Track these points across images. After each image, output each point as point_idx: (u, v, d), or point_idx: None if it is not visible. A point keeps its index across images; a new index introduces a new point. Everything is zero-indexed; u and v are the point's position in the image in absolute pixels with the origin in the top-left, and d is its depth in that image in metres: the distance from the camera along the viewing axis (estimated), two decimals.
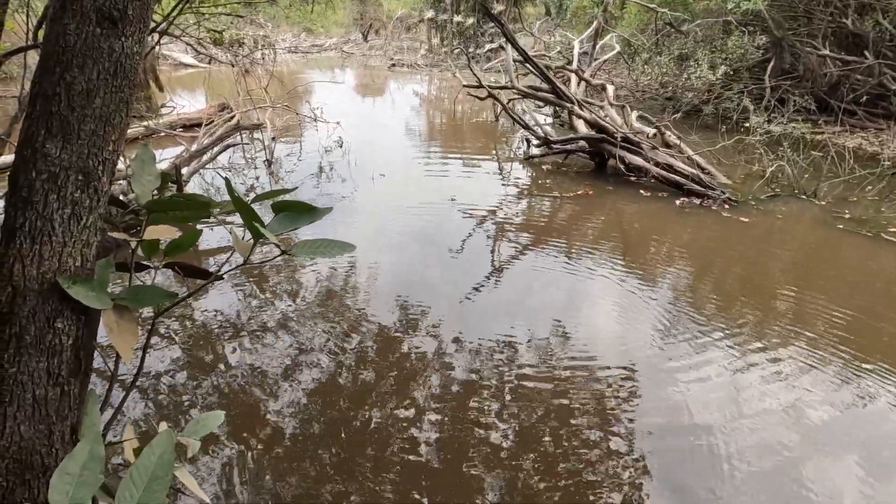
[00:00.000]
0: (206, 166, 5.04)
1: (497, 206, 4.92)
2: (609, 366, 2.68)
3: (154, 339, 2.75)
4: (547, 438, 2.20)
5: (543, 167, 6.16)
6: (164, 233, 1.18)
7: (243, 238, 1.28)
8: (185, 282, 3.16)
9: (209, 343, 2.77)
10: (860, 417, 2.38)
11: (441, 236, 4.21)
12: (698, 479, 2.04)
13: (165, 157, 5.40)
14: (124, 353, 0.98)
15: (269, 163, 5.86)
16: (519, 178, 5.89)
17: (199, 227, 1.28)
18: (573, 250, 4.05)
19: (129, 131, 6.55)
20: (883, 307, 3.34)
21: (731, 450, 2.17)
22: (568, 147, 6.12)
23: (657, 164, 5.30)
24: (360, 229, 4.30)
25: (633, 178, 5.56)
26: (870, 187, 5.30)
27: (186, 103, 8.51)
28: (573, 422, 2.30)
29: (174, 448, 0.91)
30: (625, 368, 2.66)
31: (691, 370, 2.66)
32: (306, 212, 1.17)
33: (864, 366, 2.72)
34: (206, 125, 5.26)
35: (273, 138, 6.07)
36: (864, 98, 7.67)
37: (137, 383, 2.39)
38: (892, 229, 4.42)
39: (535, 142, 6.44)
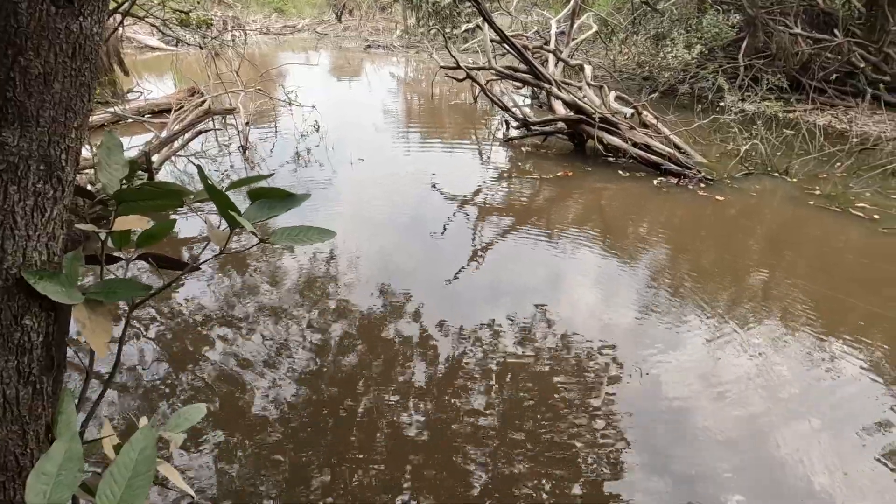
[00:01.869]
0: (178, 153, 4.89)
1: (477, 189, 4.90)
2: (590, 343, 2.72)
3: (130, 333, 2.69)
4: (531, 414, 2.24)
5: (523, 149, 6.16)
6: (135, 223, 1.14)
7: (219, 227, 1.25)
8: (161, 274, 3.09)
9: (188, 335, 2.72)
10: (826, 386, 2.48)
11: (422, 220, 4.19)
12: (674, 446, 2.10)
13: (134, 144, 5.22)
14: (98, 349, 0.94)
15: (243, 149, 5.71)
16: (498, 161, 5.87)
17: (172, 216, 1.24)
18: (554, 232, 4.07)
19: (94, 118, 6.34)
20: (849, 281, 3.46)
21: (706, 418, 2.24)
22: (546, 129, 6.12)
23: (635, 145, 5.34)
24: (340, 215, 4.25)
25: (611, 159, 5.60)
26: (839, 164, 5.44)
27: (154, 88, 8.19)
28: (556, 397, 2.34)
29: (156, 443, 0.89)
30: (605, 345, 2.71)
31: (668, 345, 2.73)
32: (283, 199, 1.14)
33: (830, 337, 2.82)
34: (176, 111, 5.08)
35: (247, 123, 5.91)
36: (834, 76, 7.84)
37: (115, 378, 2.34)
38: (860, 204, 4.56)
39: (513, 124, 6.42)
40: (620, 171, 5.33)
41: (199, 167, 1.05)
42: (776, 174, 5.26)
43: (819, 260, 3.76)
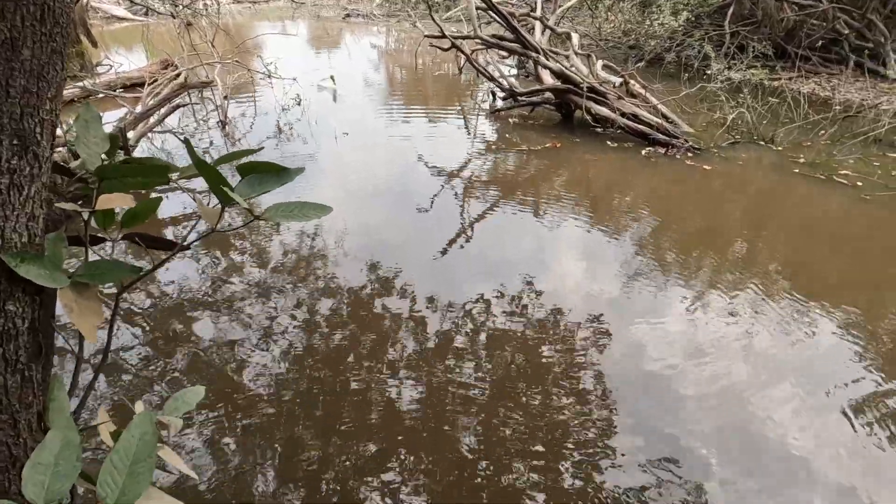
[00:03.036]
0: (154, 130, 4.71)
1: (464, 162, 4.84)
2: (577, 313, 2.74)
3: (120, 316, 2.62)
4: (521, 384, 2.26)
5: (510, 120, 6.07)
6: (118, 201, 1.08)
7: (208, 204, 1.19)
8: (149, 254, 3.01)
9: (178, 316, 2.66)
10: (804, 350, 2.54)
11: (409, 195, 4.13)
12: (659, 410, 2.15)
13: (107, 120, 5.02)
14: (87, 333, 0.90)
15: (223, 124, 5.53)
16: (485, 133, 5.79)
17: (157, 194, 1.18)
18: (542, 204, 4.05)
19: (63, 93, 6.09)
20: (830, 248, 3.53)
21: (689, 382, 2.29)
22: (534, 99, 6.03)
23: (623, 115, 5.30)
24: (326, 191, 4.16)
25: (599, 130, 5.56)
26: (822, 132, 5.48)
27: (125, 61, 7.84)
28: (545, 368, 2.36)
29: (155, 427, 0.86)
30: (592, 315, 2.73)
31: (653, 313, 2.76)
32: (276, 173, 1.09)
33: (810, 302, 2.88)
34: (150, 84, 4.87)
35: (225, 97, 5.70)
36: (819, 43, 7.82)
37: (106, 363, 2.29)
38: (843, 172, 4.61)
39: (500, 94, 6.31)
40: (608, 142, 5.30)
41: (186, 140, 0.99)
42: (762, 142, 5.29)
43: (802, 227, 3.82)
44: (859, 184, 4.39)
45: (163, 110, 4.59)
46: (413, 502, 1.76)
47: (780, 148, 5.18)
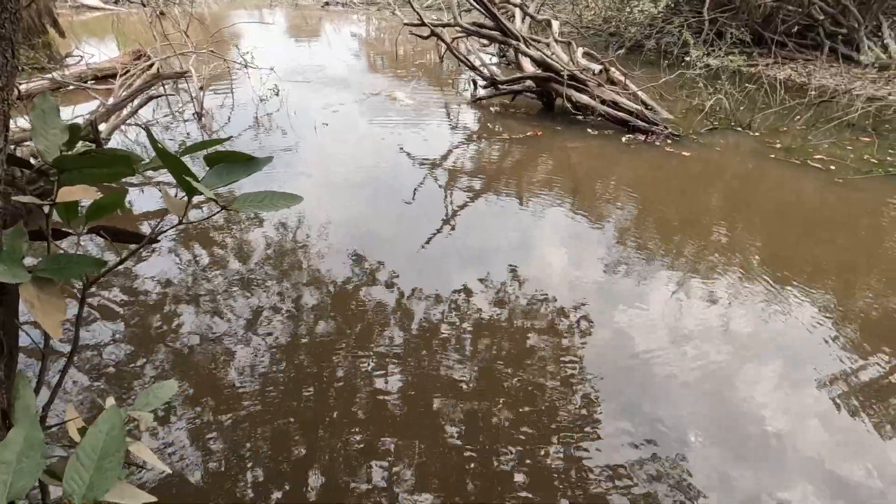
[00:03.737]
0: (128, 122, 4.59)
1: (447, 152, 4.82)
2: (562, 300, 2.77)
3: (89, 313, 2.57)
4: (508, 372, 2.28)
5: (491, 109, 6.05)
6: (81, 194, 1.05)
7: (175, 195, 1.17)
8: (116, 248, 2.95)
9: (153, 312, 2.62)
10: (781, 332, 2.60)
11: (392, 186, 4.11)
12: (640, 392, 2.19)
13: (79, 113, 4.88)
14: (51, 330, 0.88)
15: (199, 116, 5.42)
16: (467, 122, 5.77)
17: (124, 187, 1.16)
18: (524, 193, 4.06)
19: (31, 86, 5.84)
20: (806, 231, 3.61)
21: (671, 365, 2.34)
22: (515, 87, 6.02)
23: (603, 102, 5.32)
24: (307, 183, 4.11)
25: (580, 117, 5.58)
26: (798, 117, 5.57)
27: (95, 52, 7.61)
28: (530, 355, 2.38)
29: (123, 423, 0.85)
30: (576, 302, 2.76)
31: (635, 299, 2.80)
32: (244, 162, 1.07)
33: (785, 285, 2.95)
34: (122, 75, 4.74)
35: (200, 88, 5.58)
36: (795, 29, 7.93)
37: (75, 361, 2.25)
38: (818, 156, 4.71)
39: (481, 83, 6.28)
40: (589, 130, 5.32)
41: (146, 129, 0.97)
42: (739, 128, 5.36)
43: (778, 212, 3.89)
44: (832, 168, 4.48)
45: (136, 102, 4.47)
46: (402, 489, 1.77)
47: (757, 134, 5.26)
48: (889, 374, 2.36)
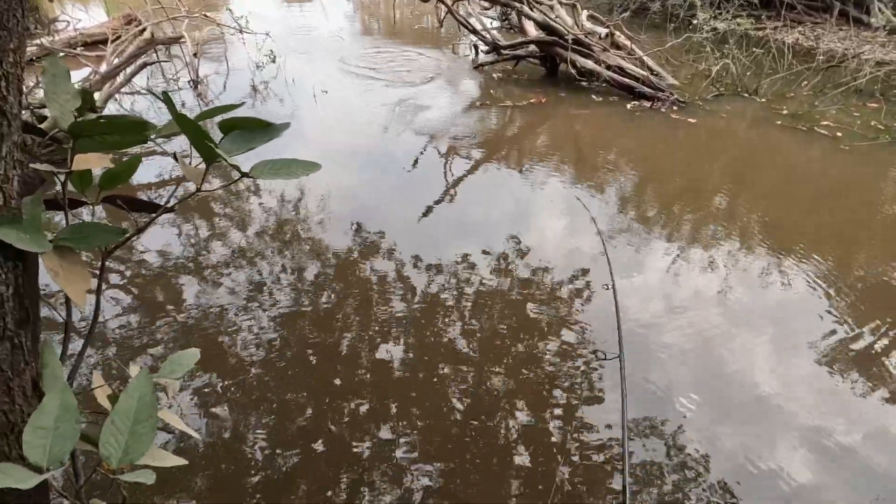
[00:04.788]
0: (122, 90, 4.49)
1: (448, 120, 4.74)
2: (562, 270, 2.77)
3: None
4: (508, 340, 2.31)
5: (494, 75, 5.93)
6: (96, 162, 1.03)
7: (190, 163, 1.15)
8: (131, 217, 2.93)
9: (162, 282, 2.62)
10: (780, 300, 2.63)
11: (393, 154, 4.05)
12: (641, 362, 2.22)
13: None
14: (76, 298, 0.88)
15: (194, 83, 5.29)
16: (468, 89, 5.65)
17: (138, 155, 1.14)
18: (527, 162, 4.02)
19: (25, 44, 5.74)
20: (810, 199, 3.60)
21: (669, 333, 2.37)
22: (518, 52, 5.87)
23: (609, 67, 5.20)
24: (307, 152, 4.06)
25: (584, 83, 5.47)
26: (805, 82, 5.48)
27: (84, 16, 7.37)
28: (531, 323, 2.41)
29: (153, 388, 0.86)
30: (576, 273, 2.77)
31: (636, 268, 2.81)
32: (262, 129, 1.05)
33: (785, 253, 2.96)
34: (113, 41, 4.61)
35: (195, 54, 5.42)
36: None
37: (96, 329, 2.27)
38: (825, 123, 4.65)
39: (483, 48, 6.13)
40: (594, 96, 5.22)
41: (165, 94, 0.94)
42: (746, 94, 5.27)
43: (782, 180, 3.87)
44: (839, 135, 4.43)
45: (130, 69, 4.35)
46: (407, 456, 1.81)
47: (763, 100, 5.18)
48: (880, 340, 2.40)
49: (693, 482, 1.76)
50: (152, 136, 1.09)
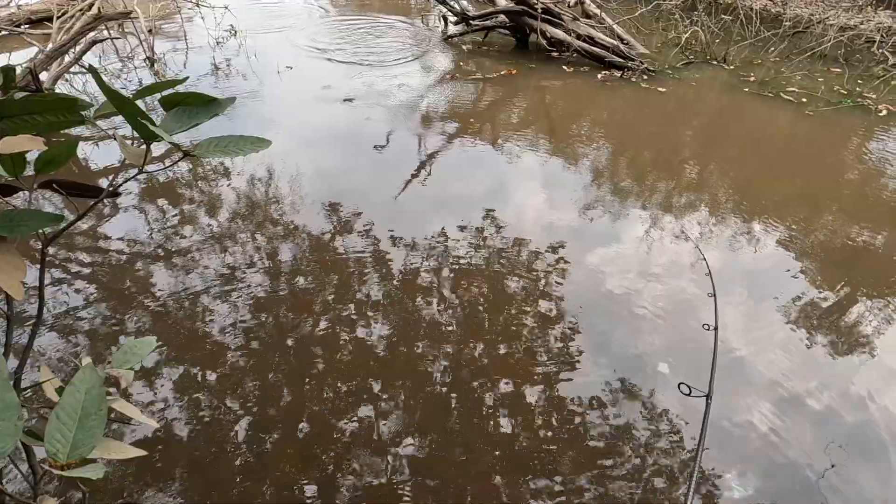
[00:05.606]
0: (71, 70, 4.25)
1: (419, 94, 4.64)
2: (539, 242, 2.78)
3: (56, 274, 2.48)
4: (487, 314, 2.32)
5: (464, 47, 5.81)
6: (27, 144, 0.96)
7: (133, 143, 1.09)
8: (74, 204, 2.81)
9: (124, 271, 2.54)
10: (751, 261, 2.70)
11: (363, 131, 3.96)
12: (618, 327, 2.27)
13: (14, 61, 4.48)
14: (12, 290, 0.83)
15: (151, 61, 5.04)
16: (438, 62, 5.53)
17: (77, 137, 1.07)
18: (500, 135, 3.98)
19: None
20: (777, 164, 3.67)
21: (644, 301, 2.41)
22: (487, 23, 5.76)
23: (579, 37, 5.15)
24: (274, 131, 3.93)
25: (555, 54, 5.41)
26: (772, 49, 5.52)
27: None
28: (510, 299, 2.42)
29: (102, 380, 0.83)
30: (553, 244, 2.78)
31: (611, 238, 2.84)
32: (205, 104, 0.99)
33: (755, 218, 3.03)
34: (59, 18, 4.33)
35: (149, 31, 5.15)
36: None
37: (50, 324, 2.18)
38: (790, 89, 4.71)
39: (452, 19, 5.98)
40: (565, 67, 5.17)
41: (91, 68, 0.87)
42: (715, 62, 5.29)
43: (750, 146, 3.93)
44: (804, 100, 4.51)
45: (78, 47, 4.11)
46: (390, 433, 1.82)
47: (731, 67, 5.21)
48: (846, 298, 2.49)
49: (673, 450, 1.82)
50: (90, 116, 1.02)
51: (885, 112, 4.32)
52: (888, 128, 4.12)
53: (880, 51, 5.45)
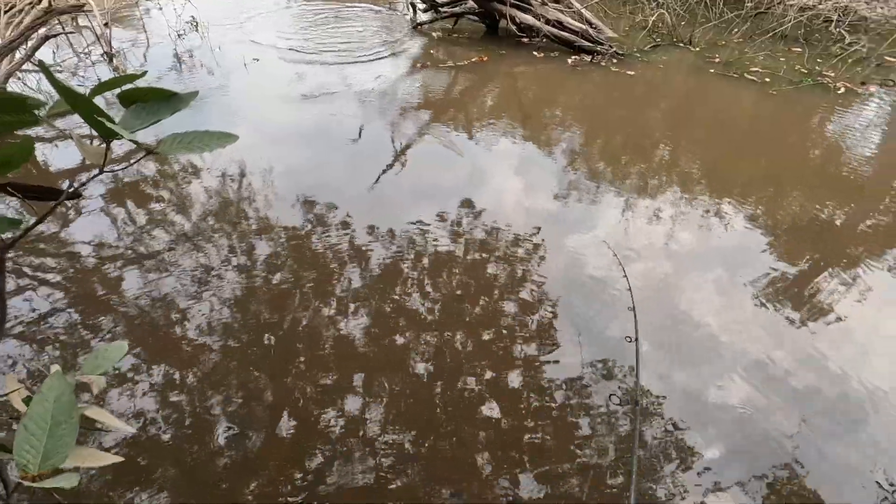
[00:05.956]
0: (25, 67, 4.06)
1: (390, 84, 4.59)
2: (516, 229, 2.81)
3: (28, 283, 2.39)
4: (467, 302, 2.33)
5: (433, 35, 5.75)
6: None
7: (91, 142, 1.05)
8: (32, 207, 2.70)
9: (93, 274, 2.46)
10: (720, 243, 2.78)
11: (335, 124, 3.90)
12: (595, 307, 2.31)
13: None
14: None
15: (109, 56, 4.85)
16: (409, 50, 5.47)
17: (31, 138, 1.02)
18: (473, 122, 3.98)
19: None
20: (743, 144, 3.76)
21: (621, 280, 2.46)
22: (456, 10, 5.71)
23: (548, 22, 5.15)
24: (244, 126, 3.84)
25: (525, 40, 5.41)
26: (736, 30, 5.63)
27: None
28: (490, 286, 2.44)
29: (71, 387, 0.80)
30: (530, 231, 2.81)
31: (586, 222, 2.88)
32: (167, 100, 0.96)
33: (723, 197, 3.11)
34: (7, 12, 4.12)
35: (105, 24, 4.95)
36: None
37: (19, 333, 2.11)
38: (754, 69, 4.82)
39: (420, 6, 5.91)
40: (535, 53, 5.18)
41: (41, 64, 0.84)
42: (681, 44, 5.37)
43: (716, 127, 4.02)
44: (767, 80, 4.62)
45: (30, 43, 3.92)
46: (374, 424, 1.82)
47: (697, 49, 5.30)
48: (811, 273, 2.58)
49: (649, 417, 1.87)
50: (43, 115, 0.98)
51: (843, 89, 4.47)
52: (846, 105, 4.26)
53: (837, 30, 5.61)
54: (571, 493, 1.64)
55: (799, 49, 5.30)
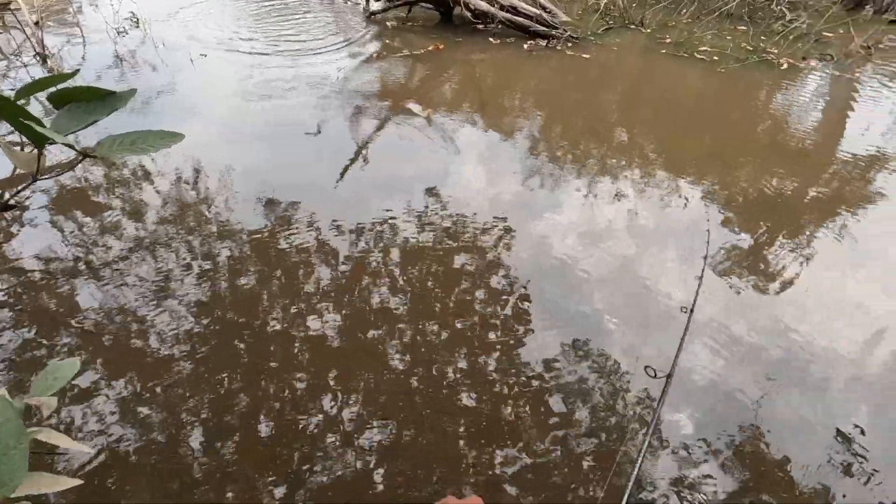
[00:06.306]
0: None
1: (345, 75, 4.50)
2: (483, 217, 2.81)
3: None
4: (438, 292, 2.33)
5: (388, 24, 5.66)
6: None
7: (22, 149, 0.98)
8: None
9: (40, 289, 2.32)
10: (678, 216, 2.86)
11: (292, 118, 3.80)
12: (566, 291, 2.35)
13: None
14: None
15: (42, 57, 4.56)
16: (363, 40, 5.37)
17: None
18: (433, 113, 3.95)
19: None
20: (693, 122, 3.88)
21: (588, 263, 2.51)
22: None
23: (502, 8, 5.15)
24: (195, 125, 3.69)
25: (480, 26, 5.39)
26: (684, 10, 5.77)
27: None
28: (460, 275, 2.44)
29: (20, 412, 0.75)
30: (497, 218, 2.82)
31: (551, 207, 2.92)
32: (102, 98, 0.90)
33: (676, 174, 3.20)
34: None
35: (36, 23, 4.65)
36: None
37: None
38: (703, 48, 4.96)
39: None
40: (491, 39, 5.17)
41: None
42: (633, 26, 5.47)
43: (669, 106, 4.12)
44: (715, 58, 4.77)
45: None
46: (352, 419, 1.80)
47: (648, 30, 5.41)
48: (765, 243, 2.70)
49: (620, 391, 1.92)
50: None
51: (785, 65, 4.66)
52: (789, 80, 4.45)
53: (779, 7, 5.83)
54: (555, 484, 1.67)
55: (744, 27, 5.49)
